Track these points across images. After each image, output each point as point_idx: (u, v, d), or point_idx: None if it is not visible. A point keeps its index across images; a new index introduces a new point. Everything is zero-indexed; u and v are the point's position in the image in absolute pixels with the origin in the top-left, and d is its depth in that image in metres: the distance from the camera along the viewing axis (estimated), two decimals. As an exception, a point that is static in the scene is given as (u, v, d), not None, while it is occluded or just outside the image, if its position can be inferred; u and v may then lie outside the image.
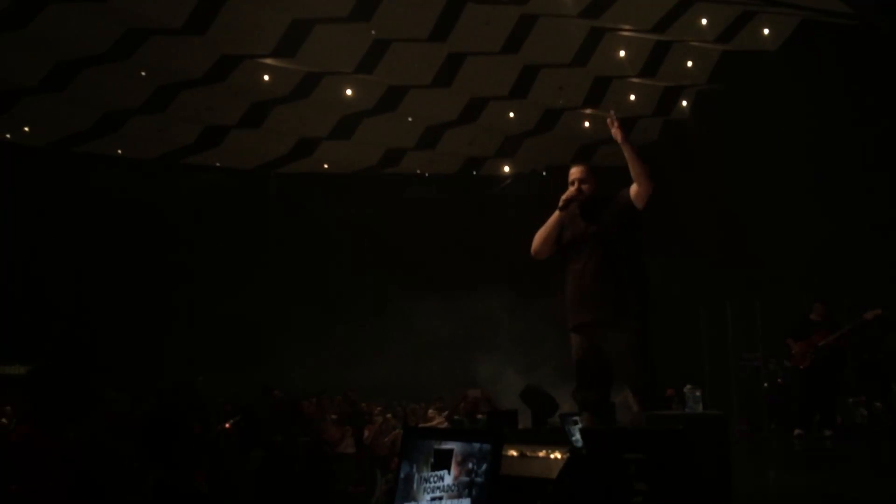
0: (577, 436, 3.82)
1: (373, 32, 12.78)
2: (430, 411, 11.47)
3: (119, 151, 14.75)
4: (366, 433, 9.34)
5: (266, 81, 13.48)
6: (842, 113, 11.72)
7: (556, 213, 4.72)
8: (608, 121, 4.56)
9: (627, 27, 13.09)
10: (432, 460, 2.21)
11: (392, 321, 14.71)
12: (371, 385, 13.82)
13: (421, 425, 9.40)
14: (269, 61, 13.05)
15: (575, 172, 4.77)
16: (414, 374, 14.50)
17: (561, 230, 4.74)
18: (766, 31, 12.79)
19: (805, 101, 11.90)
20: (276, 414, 8.34)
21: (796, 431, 8.85)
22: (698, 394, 3.85)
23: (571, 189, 4.68)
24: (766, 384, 11.21)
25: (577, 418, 4.63)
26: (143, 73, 12.77)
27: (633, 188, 4.55)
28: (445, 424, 9.40)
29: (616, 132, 4.52)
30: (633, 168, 4.51)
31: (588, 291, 4.53)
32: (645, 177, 4.49)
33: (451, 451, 2.15)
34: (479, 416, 10.52)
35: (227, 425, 7.89)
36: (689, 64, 14.03)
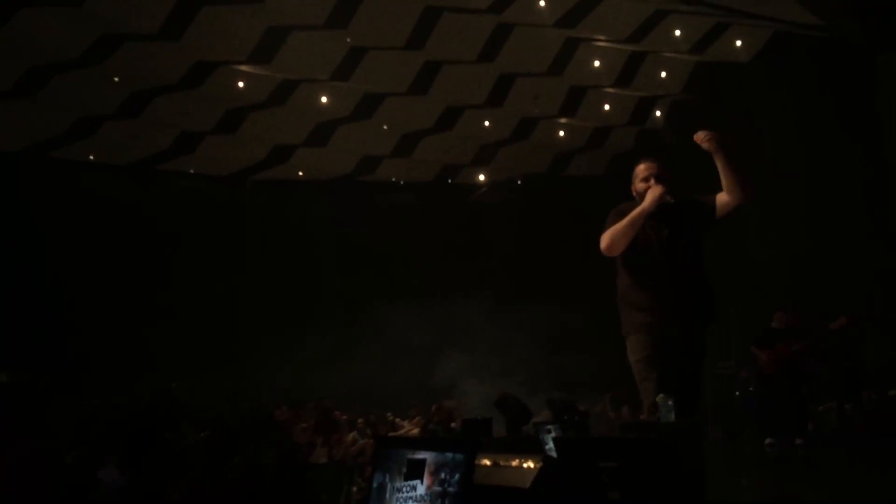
0: (551, 444, 3.83)
1: (349, 40, 12.77)
2: (401, 421, 11.46)
3: (91, 157, 14.60)
4: (337, 441, 9.31)
5: (241, 88, 13.41)
6: (814, 124, 11.87)
7: (641, 210, 4.44)
8: (698, 137, 4.41)
9: (602, 37, 13.18)
10: (405, 470, 2.21)
11: (367, 328, 14.68)
12: (346, 392, 13.77)
13: (391, 434, 9.39)
14: (244, 68, 13.00)
15: (651, 167, 4.60)
16: (388, 381, 14.46)
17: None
18: (738, 43, 12.93)
19: (778, 112, 12.04)
20: (248, 423, 8.29)
21: (768, 440, 8.93)
22: (671, 403, 3.86)
23: (656, 186, 4.48)
24: (738, 392, 11.31)
25: (550, 426, 4.64)
26: (116, 79, 12.67)
27: (722, 197, 4.42)
28: (416, 433, 9.39)
29: (710, 145, 4.37)
30: (728, 179, 4.36)
31: (675, 296, 4.36)
32: (740, 189, 4.34)
33: (423, 461, 2.15)
34: (454, 426, 10.53)
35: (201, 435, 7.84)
36: (664, 74, 14.14)
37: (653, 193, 4.44)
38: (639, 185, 4.59)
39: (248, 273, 15.26)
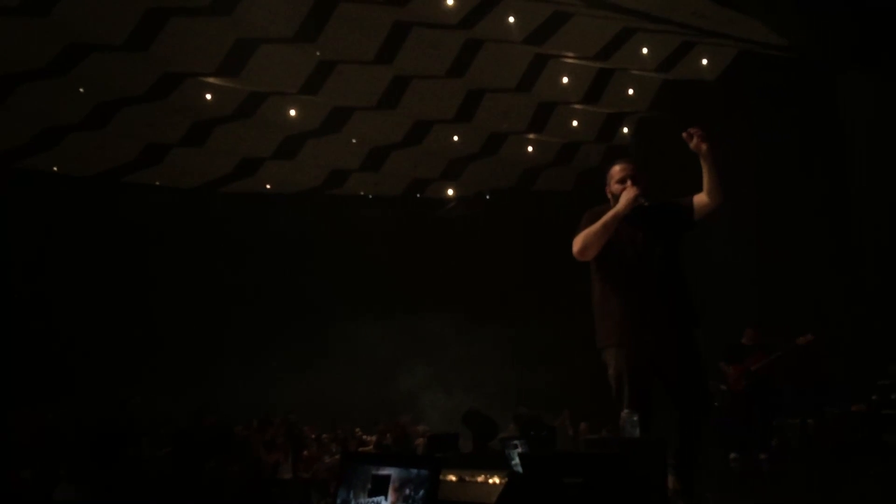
0: (517, 460, 3.83)
1: (318, 53, 12.76)
2: (369, 437, 11.41)
3: (55, 168, 14.42)
4: (304, 457, 9.24)
5: (209, 100, 13.34)
6: (776, 143, 12.04)
7: (615, 212, 4.33)
8: (686, 135, 4.31)
9: (571, 55, 13.29)
10: (369, 486, 2.20)
11: (334, 342, 14.63)
12: (311, 407, 13.69)
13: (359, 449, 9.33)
14: (212, 80, 12.92)
15: (627, 169, 4.49)
16: (354, 395, 14.41)
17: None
18: (704, 62, 13.10)
19: (742, 130, 12.19)
20: (210, 439, 8.19)
21: (732, 455, 8.99)
22: (635, 418, 3.88)
23: (631, 188, 4.36)
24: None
25: (516, 442, 4.63)
26: (81, 90, 12.54)
27: (701, 198, 4.33)
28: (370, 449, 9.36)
29: (698, 144, 4.28)
30: (711, 180, 4.28)
31: (648, 312, 4.24)
32: (720, 190, 4.28)
33: (388, 477, 2.14)
34: (418, 443, 10.47)
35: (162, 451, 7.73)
36: (631, 92, 14.28)
37: (627, 195, 4.34)
38: (614, 187, 4.49)
39: (213, 287, 15.12)
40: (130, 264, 14.63)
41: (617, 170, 4.52)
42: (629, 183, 4.40)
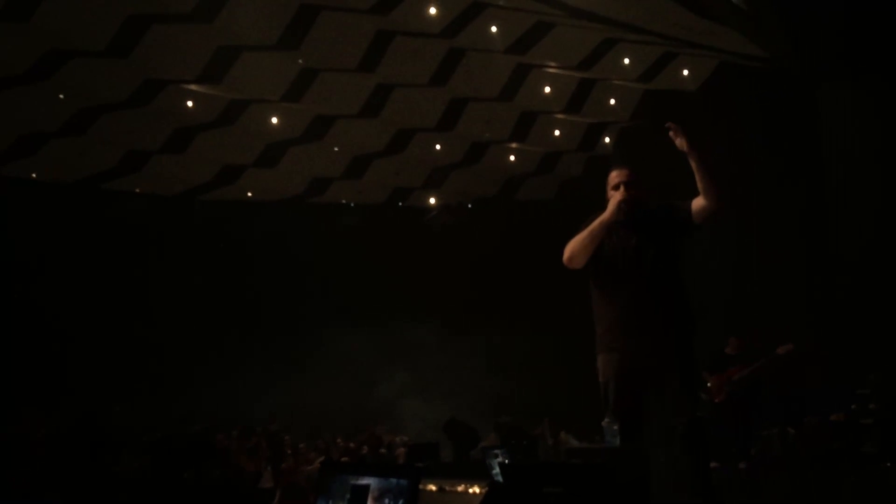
0: (497, 469, 3.82)
1: (301, 61, 12.74)
2: (352, 443, 11.38)
3: (34, 175, 14.31)
4: (283, 466, 9.19)
5: (190, 107, 13.28)
6: (756, 153, 12.13)
7: (601, 220, 4.27)
8: (672, 128, 4.19)
9: (553, 64, 13.35)
10: (348, 496, 2.18)
11: (315, 351, 14.58)
12: (293, 415, 13.65)
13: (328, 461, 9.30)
14: (193, 87, 12.87)
15: (621, 174, 4.37)
16: (336, 404, 14.36)
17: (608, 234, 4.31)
18: (685, 72, 13.19)
19: (722, 140, 12.27)
20: (191, 448, 8.15)
21: (712, 464, 9.00)
22: (616, 427, 3.87)
23: (617, 193, 4.28)
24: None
25: (497, 451, 4.62)
26: (61, 96, 12.46)
27: (698, 201, 4.19)
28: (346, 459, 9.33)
29: (681, 142, 4.17)
30: (702, 181, 4.13)
31: (637, 317, 4.16)
32: (715, 191, 4.12)
33: (367, 487, 2.12)
34: (383, 451, 10.45)
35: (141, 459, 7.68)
36: (613, 101, 14.36)
37: (612, 202, 4.28)
38: (609, 193, 4.40)
39: (194, 295, 15.03)
40: (110, 272, 14.52)
41: (613, 175, 4.43)
42: (622, 189, 4.31)
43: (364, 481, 2.16)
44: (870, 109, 10.57)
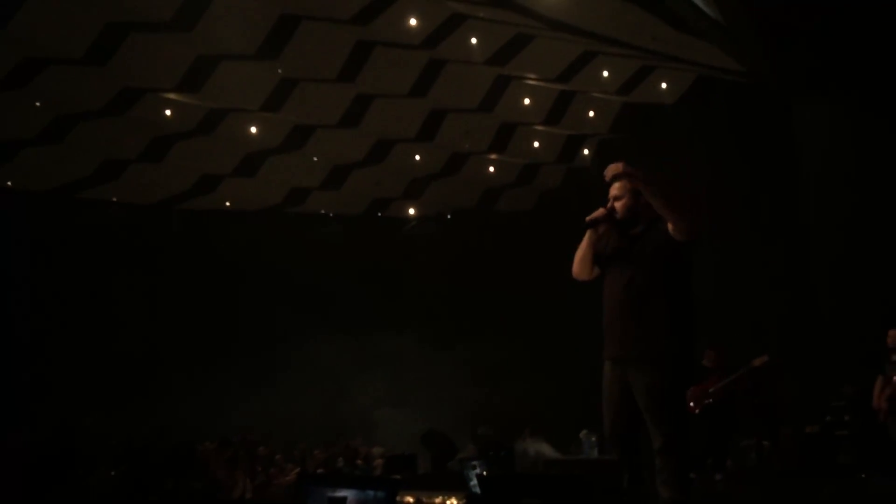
0: (475, 481, 3.81)
1: (280, 70, 12.72)
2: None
3: (9, 183, 14.15)
4: (261, 476, 9.15)
5: (168, 116, 13.21)
6: (732, 166, 12.24)
7: (588, 233, 4.39)
8: (609, 171, 4.22)
9: (533, 76, 13.41)
10: (325, 508, 2.17)
11: (293, 362, 14.52)
12: (269, 426, 13.56)
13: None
14: (172, 95, 12.79)
15: (614, 188, 4.37)
16: (312, 415, 14.30)
17: (603, 244, 4.40)
18: (664, 85, 13.29)
19: (697, 154, 12.38)
20: (171, 458, 8.08)
21: (689, 475, 9.03)
22: (594, 439, 3.88)
23: (601, 210, 4.34)
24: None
25: (475, 462, 4.60)
26: (38, 104, 12.35)
27: (670, 225, 4.15)
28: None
29: (636, 183, 4.19)
30: (663, 214, 4.12)
31: (618, 320, 4.21)
32: (677, 218, 4.07)
33: (344, 499, 2.11)
34: (360, 462, 10.42)
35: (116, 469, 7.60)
36: (592, 114, 14.44)
37: (591, 217, 4.35)
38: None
39: (170, 304, 14.92)
40: (85, 282, 14.37)
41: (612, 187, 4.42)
42: (610, 202, 4.35)
43: (341, 493, 2.15)
44: (844, 124, 10.69)
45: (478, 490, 3.43)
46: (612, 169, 4.21)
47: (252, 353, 14.87)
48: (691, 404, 9.35)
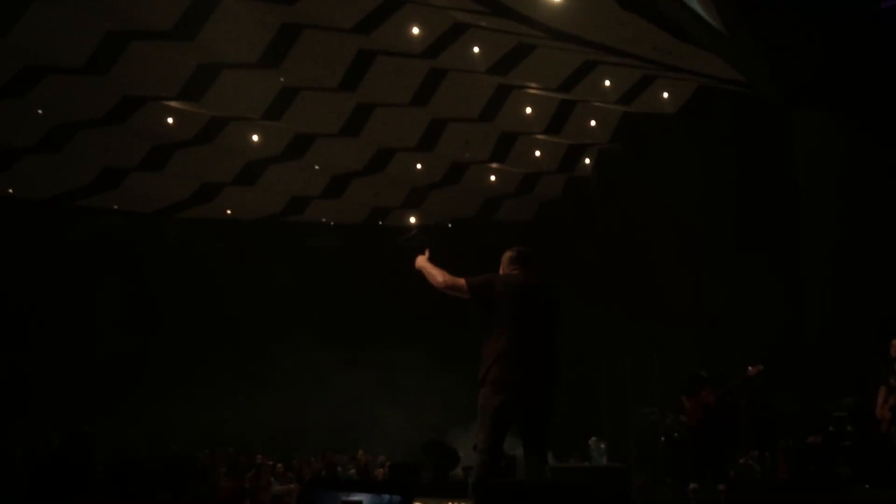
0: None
1: (282, 80, 12.73)
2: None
3: (10, 191, 14.14)
4: (264, 486, 9.11)
5: (170, 124, 13.21)
6: (729, 177, 12.25)
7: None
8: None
9: (534, 85, 13.42)
10: (339, 513, 2.15)
11: (290, 371, 14.47)
12: (266, 436, 13.52)
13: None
14: (173, 104, 12.81)
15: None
16: (309, 425, 14.26)
17: None
18: (665, 95, 13.30)
19: (696, 164, 12.39)
20: (170, 468, 8.03)
21: (691, 486, 9.00)
22: (602, 446, 3.86)
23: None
24: (663, 438, 11.41)
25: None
26: (39, 112, 12.34)
27: None
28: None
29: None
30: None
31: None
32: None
33: (359, 503, 2.09)
34: (377, 473, 10.37)
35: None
36: (592, 123, 14.44)
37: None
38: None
39: (169, 313, 14.88)
40: (82, 289, 14.33)
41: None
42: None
43: (355, 498, 2.13)
44: (842, 135, 10.69)
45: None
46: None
47: (249, 361, 14.83)
48: (689, 414, 9.33)
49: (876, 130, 10.18)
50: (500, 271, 4.94)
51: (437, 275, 4.85)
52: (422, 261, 4.91)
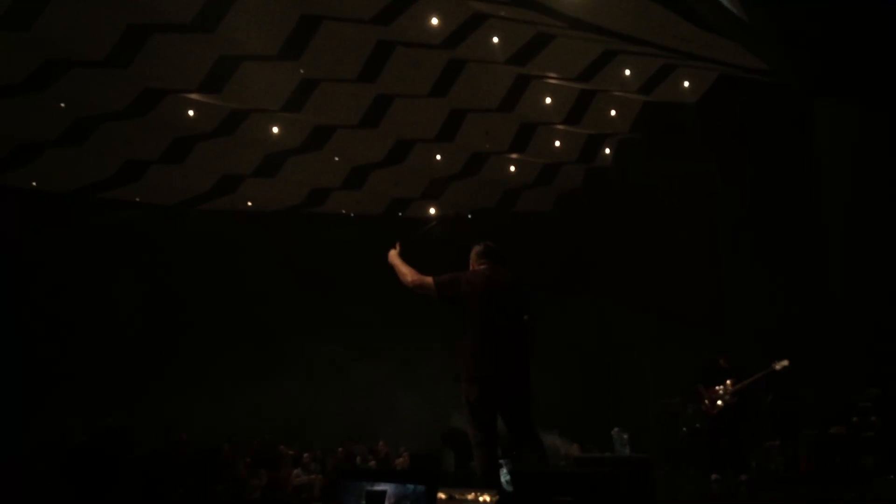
0: (508, 478, 3.79)
1: (301, 71, 12.74)
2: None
3: (34, 184, 14.25)
4: (286, 477, 9.18)
5: (190, 117, 13.26)
6: (751, 167, 12.17)
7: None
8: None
9: (553, 75, 13.37)
10: (363, 502, 2.16)
11: (311, 363, 14.53)
12: (285, 427, 13.59)
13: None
14: (194, 96, 12.85)
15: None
16: (330, 415, 14.32)
17: None
18: (686, 84, 13.21)
19: (717, 154, 12.31)
20: (194, 459, 8.10)
21: (713, 476, 8.99)
22: (625, 437, 3.86)
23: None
24: (684, 428, 11.39)
25: (502, 461, 4.60)
26: (62, 105, 12.42)
27: None
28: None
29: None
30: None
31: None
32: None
33: (384, 493, 2.10)
34: (397, 463, 10.40)
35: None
36: (613, 113, 14.38)
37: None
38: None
39: (192, 306, 14.96)
40: (104, 281, 14.43)
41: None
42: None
43: (380, 487, 2.14)
44: (868, 125, 10.57)
45: (510, 487, 3.42)
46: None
47: (271, 353, 14.90)
48: (707, 403, 9.30)
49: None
50: (470, 267, 5.03)
51: (406, 273, 4.99)
52: (393, 256, 5.03)
